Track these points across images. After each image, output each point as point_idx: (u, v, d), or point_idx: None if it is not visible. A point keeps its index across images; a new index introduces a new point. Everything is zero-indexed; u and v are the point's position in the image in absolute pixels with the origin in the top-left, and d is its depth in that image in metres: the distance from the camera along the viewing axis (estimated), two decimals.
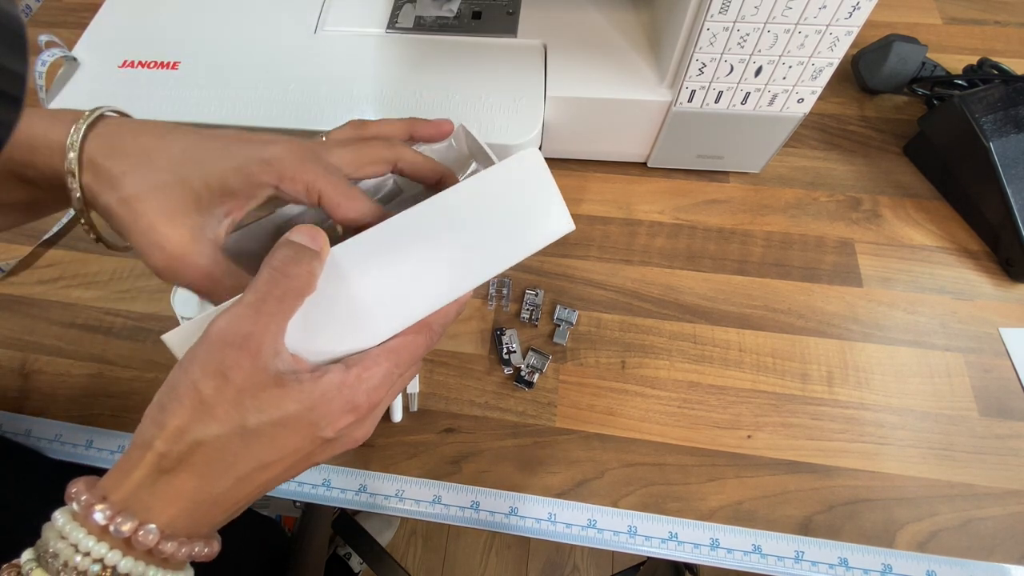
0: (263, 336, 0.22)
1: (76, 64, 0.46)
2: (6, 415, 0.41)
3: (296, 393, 0.23)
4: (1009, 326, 0.41)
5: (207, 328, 0.23)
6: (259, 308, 0.23)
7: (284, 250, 0.24)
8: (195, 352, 0.23)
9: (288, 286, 0.23)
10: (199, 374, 0.22)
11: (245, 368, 0.22)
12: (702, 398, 0.39)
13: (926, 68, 0.49)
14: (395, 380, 0.26)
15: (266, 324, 0.23)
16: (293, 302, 0.24)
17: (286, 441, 0.23)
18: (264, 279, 0.23)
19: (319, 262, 0.25)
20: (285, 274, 0.23)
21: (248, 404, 0.22)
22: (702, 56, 0.38)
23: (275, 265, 0.24)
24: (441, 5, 0.48)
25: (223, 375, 0.22)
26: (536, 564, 0.99)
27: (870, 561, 0.34)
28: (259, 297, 0.23)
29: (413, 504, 0.37)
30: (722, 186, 0.48)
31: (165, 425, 0.21)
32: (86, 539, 0.20)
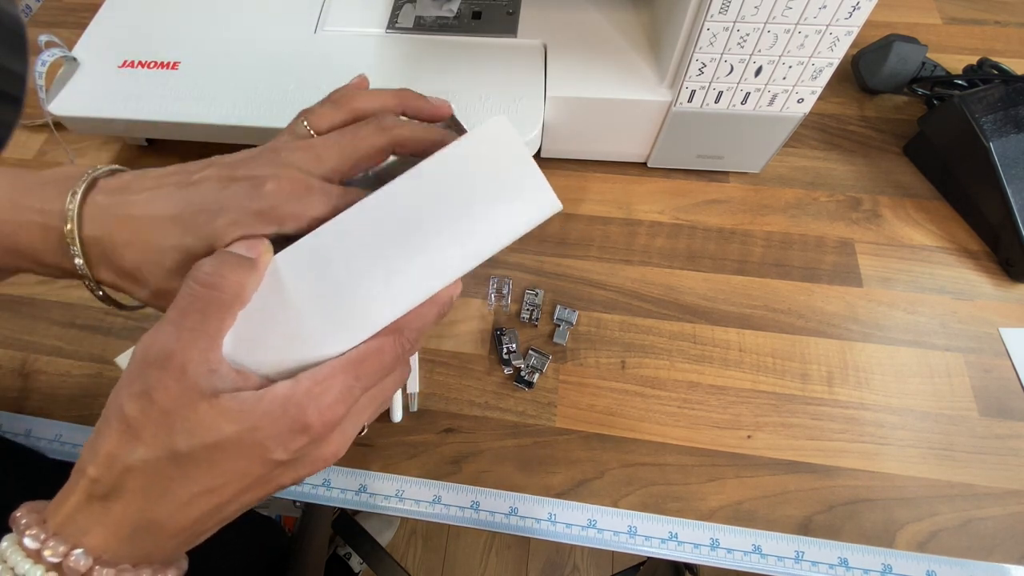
0: (187, 353, 0.21)
1: (76, 64, 0.46)
2: (6, 415, 0.41)
3: (233, 413, 0.21)
4: (1009, 326, 0.41)
5: (134, 348, 0.22)
6: (180, 324, 0.22)
7: (210, 261, 0.23)
8: (124, 375, 0.22)
9: (211, 299, 0.22)
10: (125, 397, 0.21)
11: (171, 389, 0.21)
12: (702, 398, 0.39)
13: (926, 68, 0.49)
14: (358, 394, 0.23)
15: (189, 340, 0.21)
16: (221, 316, 0.22)
17: (229, 464, 0.21)
18: (184, 294, 0.22)
19: (252, 271, 0.23)
20: (207, 286, 0.22)
21: (178, 427, 0.21)
22: (702, 56, 0.38)
23: (196, 277, 0.22)
24: (441, 5, 0.48)
25: (147, 396, 0.21)
26: (536, 564, 0.99)
27: (870, 561, 0.34)
28: (180, 313, 0.22)
29: (413, 504, 0.37)
30: (722, 186, 0.48)
31: (96, 450, 0.21)
32: (23, 562, 0.20)
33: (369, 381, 0.24)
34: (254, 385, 0.22)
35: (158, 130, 0.45)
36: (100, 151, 0.52)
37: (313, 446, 0.22)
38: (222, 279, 0.22)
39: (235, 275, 0.22)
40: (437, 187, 0.24)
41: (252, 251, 0.23)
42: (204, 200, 0.24)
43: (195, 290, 0.22)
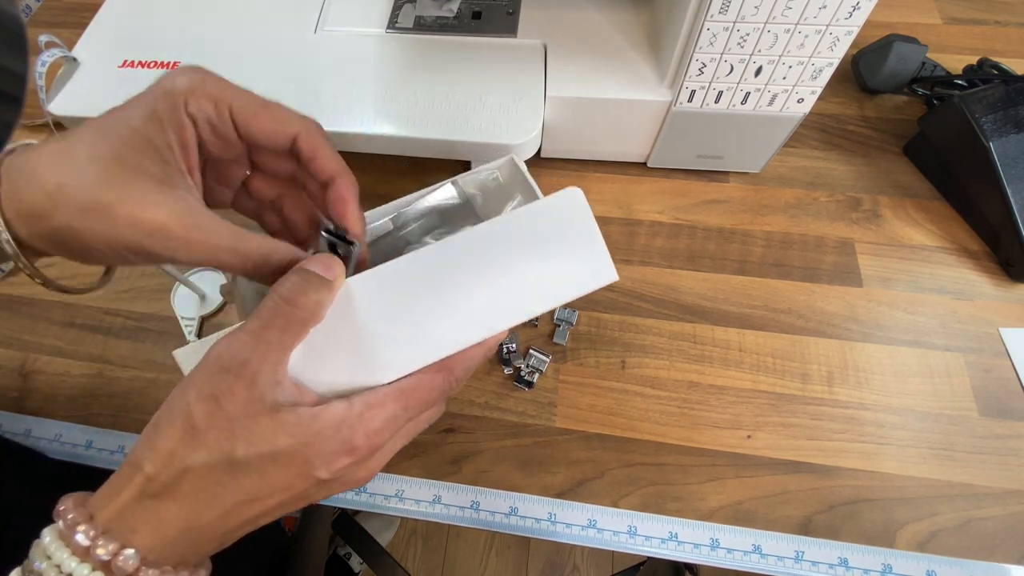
0: (260, 364, 0.22)
1: (76, 64, 0.46)
2: (6, 415, 0.41)
3: (291, 427, 0.22)
4: (1009, 326, 0.41)
5: (208, 351, 0.23)
6: (259, 335, 0.22)
7: (293, 278, 0.23)
8: (193, 374, 0.22)
9: (292, 315, 0.23)
10: (193, 397, 0.21)
11: (239, 396, 0.21)
12: (702, 398, 0.39)
13: (926, 68, 0.49)
14: (403, 423, 0.24)
15: (264, 352, 0.22)
16: (297, 332, 0.23)
17: (276, 476, 0.22)
18: (268, 306, 0.23)
19: (329, 292, 0.24)
20: (290, 303, 0.23)
21: (239, 434, 0.21)
22: (702, 56, 0.38)
23: (281, 293, 0.23)
24: (441, 5, 0.48)
25: (216, 400, 0.21)
26: (536, 564, 0.99)
27: (870, 561, 0.34)
28: (261, 324, 0.22)
29: (413, 504, 0.37)
30: (722, 186, 0.48)
31: (155, 446, 0.21)
32: (69, 560, 0.20)
33: (414, 412, 0.24)
34: (310, 401, 0.23)
35: None
36: None
37: (353, 467, 0.23)
38: (304, 297, 0.23)
39: (316, 295, 0.23)
40: (510, 242, 0.26)
41: (329, 272, 0.24)
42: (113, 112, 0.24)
43: (278, 304, 0.23)
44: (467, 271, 0.25)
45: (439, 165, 0.49)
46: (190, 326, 0.42)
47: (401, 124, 0.42)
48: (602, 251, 0.27)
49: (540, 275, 0.26)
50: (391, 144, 0.43)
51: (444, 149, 0.43)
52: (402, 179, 0.49)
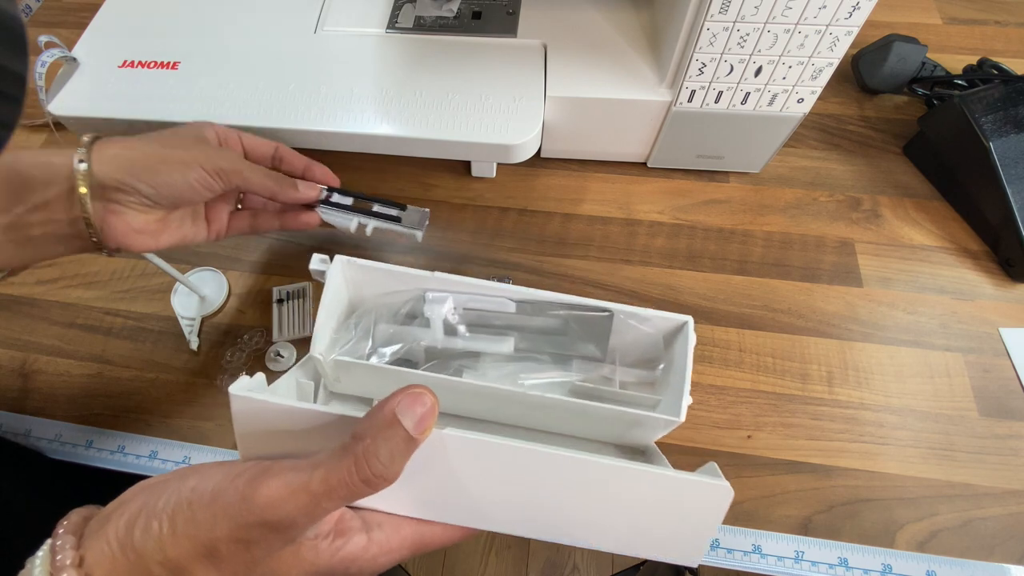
0: (308, 525, 0.21)
1: (76, 64, 0.46)
2: (6, 415, 0.41)
3: (307, 565, 0.22)
4: (1009, 326, 0.41)
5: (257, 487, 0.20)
6: (320, 503, 0.20)
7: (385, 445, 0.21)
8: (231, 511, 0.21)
9: (362, 490, 0.21)
10: (224, 536, 0.20)
11: (273, 545, 0.21)
12: (702, 398, 0.39)
13: (926, 68, 0.49)
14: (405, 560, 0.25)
15: (319, 517, 0.21)
16: (359, 499, 0.21)
17: None
18: (343, 473, 0.20)
19: (411, 453, 0.21)
20: (366, 479, 0.20)
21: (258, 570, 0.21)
22: (702, 56, 0.38)
23: (362, 459, 0.20)
24: (441, 5, 0.48)
25: (246, 545, 0.21)
26: (536, 564, 0.99)
27: (870, 561, 0.34)
28: (326, 491, 0.20)
29: None
30: (722, 186, 0.48)
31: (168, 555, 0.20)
32: None
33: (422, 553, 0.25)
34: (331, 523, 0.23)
35: None
36: None
37: None
38: (382, 480, 0.21)
39: (396, 468, 0.21)
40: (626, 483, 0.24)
41: (421, 429, 0.21)
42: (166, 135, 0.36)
43: (354, 480, 0.20)
44: (562, 486, 0.24)
45: (439, 164, 0.49)
46: (190, 326, 0.42)
47: (401, 124, 0.42)
48: (704, 544, 0.25)
49: (632, 526, 0.25)
50: (391, 144, 0.43)
51: (444, 149, 0.43)
52: (402, 179, 0.49)
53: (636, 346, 0.32)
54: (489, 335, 0.33)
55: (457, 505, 0.24)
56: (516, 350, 0.33)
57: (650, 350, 0.32)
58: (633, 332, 0.31)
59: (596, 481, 0.24)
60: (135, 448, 0.39)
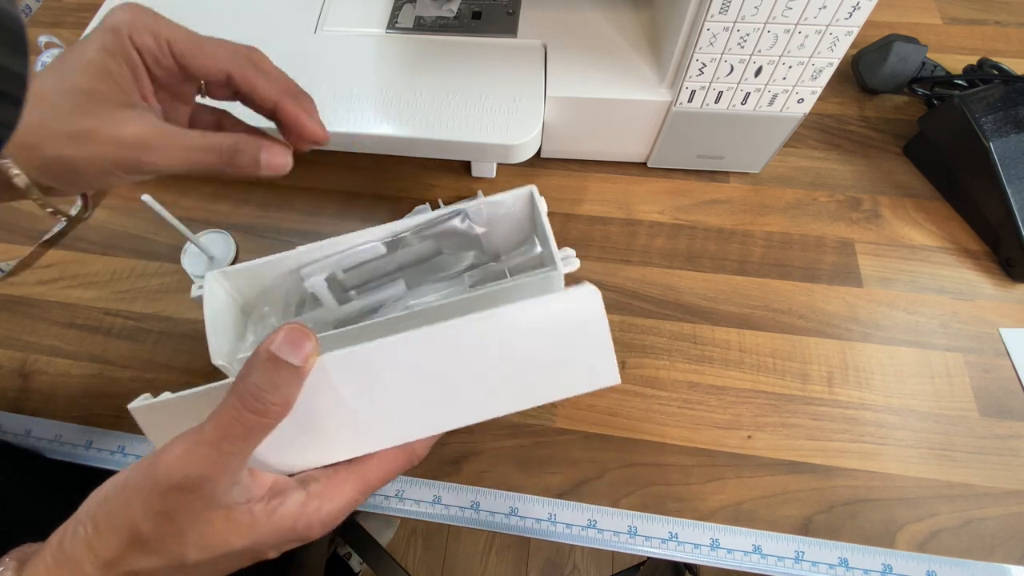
0: (220, 477, 0.20)
1: None
2: (6, 415, 0.41)
3: (245, 529, 0.21)
4: (1009, 326, 0.41)
5: (156, 458, 0.20)
6: (220, 447, 0.20)
7: (260, 373, 0.21)
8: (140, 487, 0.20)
9: (256, 423, 0.21)
10: (141, 514, 0.20)
11: (195, 508, 0.20)
12: (702, 398, 0.39)
13: (926, 68, 0.49)
14: (359, 503, 0.24)
15: (226, 464, 0.20)
16: (261, 437, 0.21)
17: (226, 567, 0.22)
18: (230, 411, 0.20)
19: (299, 382, 0.22)
20: (256, 409, 0.20)
21: (191, 540, 0.20)
22: (702, 56, 0.38)
23: (247, 394, 0.21)
24: (441, 5, 0.48)
25: (167, 516, 0.20)
26: (536, 564, 0.99)
27: (870, 561, 0.34)
28: (221, 434, 0.20)
29: (413, 504, 0.37)
30: (722, 186, 0.48)
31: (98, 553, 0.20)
32: None
33: (372, 490, 0.24)
34: (265, 487, 0.22)
35: None
36: None
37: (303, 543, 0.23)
38: (271, 404, 0.21)
39: (282, 394, 0.21)
40: (510, 334, 0.24)
41: (298, 353, 0.21)
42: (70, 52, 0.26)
43: (241, 413, 0.21)
44: (457, 361, 0.24)
45: (439, 164, 0.49)
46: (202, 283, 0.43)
47: (401, 124, 0.42)
48: (609, 355, 0.25)
49: (536, 372, 0.24)
50: (391, 144, 0.43)
51: (444, 149, 0.43)
52: (402, 179, 0.49)
53: (509, 234, 0.33)
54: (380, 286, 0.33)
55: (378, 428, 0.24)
56: (409, 288, 0.33)
57: (522, 231, 0.33)
58: (499, 223, 0.31)
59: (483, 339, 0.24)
60: (135, 448, 0.39)
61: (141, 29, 0.26)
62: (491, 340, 0.24)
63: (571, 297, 0.24)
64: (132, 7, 0.27)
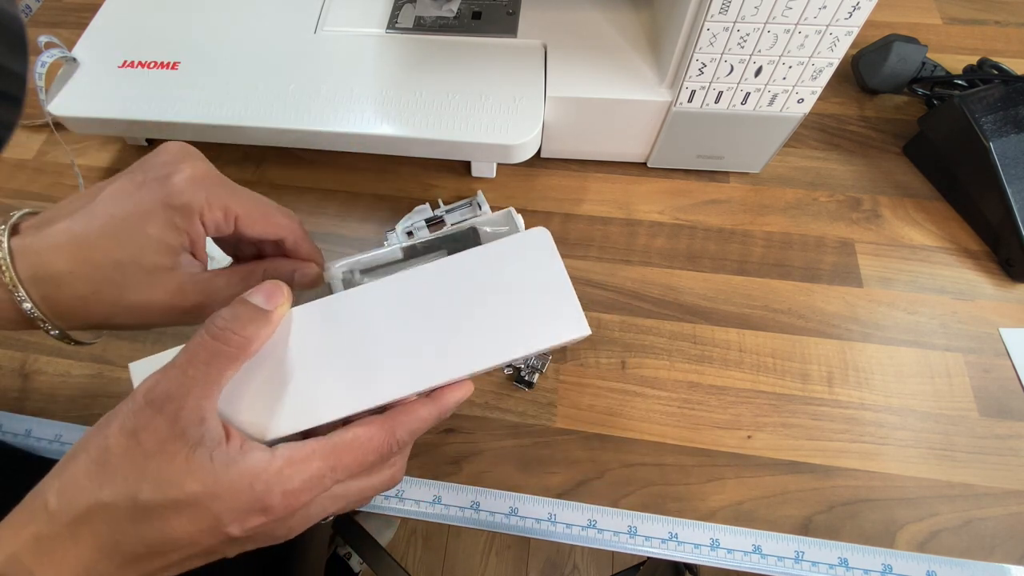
0: (184, 399, 0.21)
1: (76, 64, 0.46)
2: (6, 415, 0.41)
3: (202, 473, 0.20)
4: (1009, 326, 0.41)
5: (136, 387, 0.22)
6: (185, 370, 0.21)
7: (228, 310, 0.23)
8: (119, 408, 0.22)
9: (216, 350, 0.22)
10: (115, 430, 0.21)
11: (159, 432, 0.20)
12: (702, 398, 0.39)
13: (926, 68, 0.49)
14: (329, 484, 0.22)
15: (189, 388, 0.21)
16: (223, 367, 0.22)
17: (180, 529, 0.20)
18: (196, 340, 0.22)
19: (267, 324, 0.23)
20: (218, 336, 0.22)
21: (149, 473, 0.20)
22: (702, 56, 0.38)
23: (213, 324, 0.22)
24: (441, 5, 0.48)
25: (135, 436, 0.20)
26: (536, 564, 0.99)
27: (870, 561, 0.34)
28: (188, 358, 0.22)
29: (413, 504, 0.37)
30: (722, 186, 0.48)
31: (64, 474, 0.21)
32: None
33: (345, 474, 0.23)
34: (236, 445, 0.22)
35: (158, 130, 0.45)
36: (100, 151, 0.52)
37: (270, 525, 0.22)
38: (232, 334, 0.22)
39: (246, 329, 0.22)
40: (470, 280, 0.24)
41: (270, 302, 0.23)
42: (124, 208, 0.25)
43: (204, 340, 0.22)
44: (425, 309, 0.24)
45: (439, 164, 0.49)
46: None
47: (401, 124, 0.42)
48: (571, 299, 0.24)
49: (502, 323, 0.24)
50: (391, 144, 0.43)
51: (444, 149, 0.43)
52: (402, 179, 0.49)
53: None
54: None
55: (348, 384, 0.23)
56: None
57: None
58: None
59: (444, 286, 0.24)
60: None
61: (215, 207, 0.26)
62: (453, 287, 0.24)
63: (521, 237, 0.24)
64: (206, 178, 0.27)
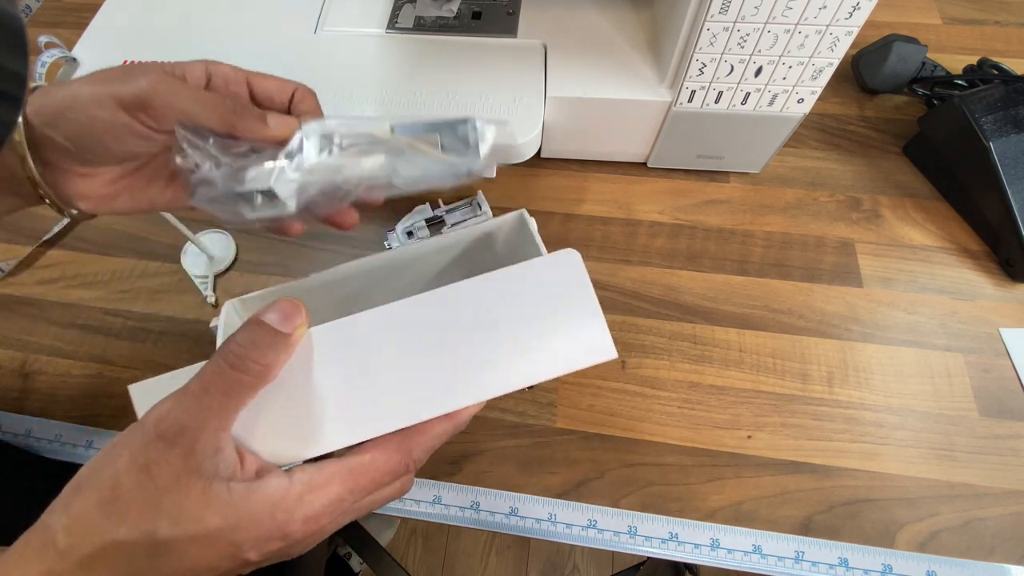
0: (199, 432, 0.20)
1: (76, 64, 0.46)
2: (6, 415, 0.41)
3: (221, 505, 0.20)
4: (1009, 326, 0.41)
5: (144, 415, 0.21)
6: (200, 400, 0.21)
7: (245, 333, 0.22)
8: (127, 439, 0.20)
9: (236, 379, 0.21)
10: (124, 465, 0.20)
11: (174, 466, 0.20)
12: (702, 398, 0.39)
13: (926, 68, 0.49)
14: (348, 507, 0.22)
15: (205, 419, 0.20)
16: (241, 396, 0.21)
17: (200, 558, 0.20)
18: (212, 367, 0.21)
19: (286, 349, 0.22)
20: (236, 365, 0.21)
21: (166, 509, 0.19)
22: (702, 56, 0.38)
23: (229, 351, 0.21)
24: (441, 5, 0.48)
25: (147, 471, 0.20)
26: (536, 564, 0.99)
27: (870, 561, 0.34)
28: (203, 387, 0.21)
29: (413, 504, 0.37)
30: (722, 186, 0.48)
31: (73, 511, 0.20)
32: None
33: (363, 495, 0.23)
34: (251, 471, 0.21)
35: None
36: None
37: (289, 548, 0.22)
38: (252, 362, 0.21)
39: (265, 356, 0.21)
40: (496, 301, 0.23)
41: (287, 324, 0.22)
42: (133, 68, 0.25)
43: (222, 368, 0.21)
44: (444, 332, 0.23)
45: None
46: (204, 282, 0.43)
47: None
48: (599, 323, 0.24)
49: (527, 345, 0.23)
50: None
51: None
52: None
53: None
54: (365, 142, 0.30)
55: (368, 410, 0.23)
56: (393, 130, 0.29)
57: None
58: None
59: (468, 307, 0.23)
60: None
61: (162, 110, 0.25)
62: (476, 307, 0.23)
63: (551, 259, 0.24)
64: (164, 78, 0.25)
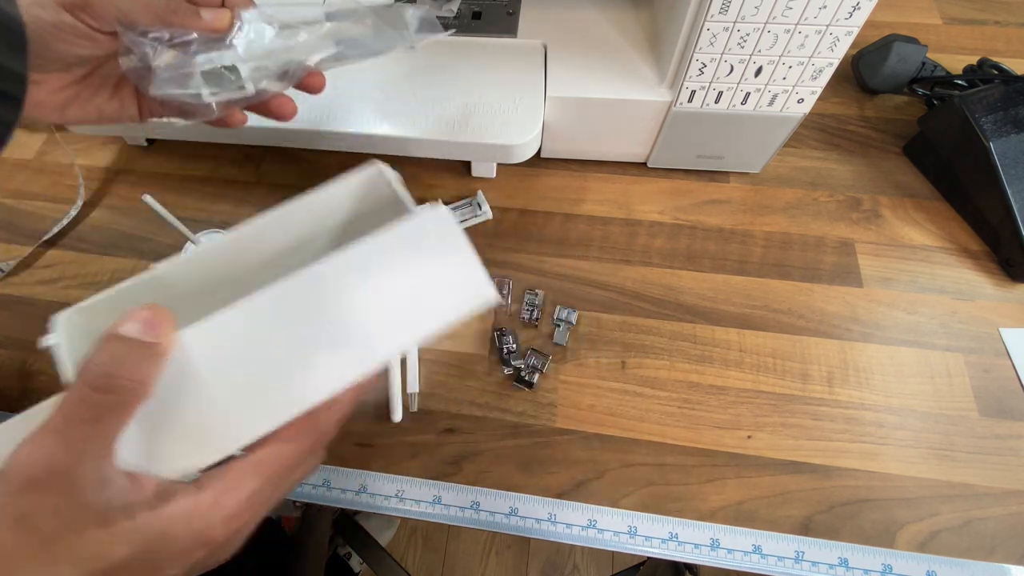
0: (76, 467, 0.18)
1: None
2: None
3: (127, 534, 0.18)
4: (1009, 326, 0.41)
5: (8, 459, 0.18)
6: (68, 434, 0.18)
7: (104, 351, 0.19)
8: None
9: (105, 402, 0.19)
10: None
11: (59, 511, 0.18)
12: (702, 398, 0.39)
13: (926, 68, 0.49)
14: (266, 498, 0.21)
15: (80, 453, 0.18)
16: (116, 419, 0.19)
17: None
18: (74, 395, 0.19)
19: (157, 360, 0.19)
20: (103, 387, 0.19)
21: (62, 555, 0.17)
22: (702, 56, 0.38)
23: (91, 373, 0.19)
24: (441, 5, 0.48)
25: (26, 523, 0.17)
26: (536, 564, 0.99)
27: (870, 561, 0.34)
28: (66, 420, 0.18)
29: (413, 504, 0.37)
30: (722, 186, 0.48)
31: None
32: None
33: (279, 480, 0.21)
34: (149, 492, 0.19)
35: (158, 130, 0.45)
36: (100, 151, 0.52)
37: (212, 553, 0.20)
38: (123, 380, 0.19)
39: (137, 372, 0.19)
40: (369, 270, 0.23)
41: (151, 332, 0.19)
42: None
43: (86, 395, 0.19)
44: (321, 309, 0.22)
45: (439, 164, 0.49)
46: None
47: (401, 124, 0.42)
48: (475, 268, 0.23)
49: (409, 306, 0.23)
50: (391, 144, 0.43)
51: (444, 149, 0.43)
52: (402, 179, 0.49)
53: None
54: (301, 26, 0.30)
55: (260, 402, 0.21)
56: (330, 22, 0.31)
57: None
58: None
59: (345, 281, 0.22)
60: None
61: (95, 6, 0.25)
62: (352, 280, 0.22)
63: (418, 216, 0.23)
64: None
